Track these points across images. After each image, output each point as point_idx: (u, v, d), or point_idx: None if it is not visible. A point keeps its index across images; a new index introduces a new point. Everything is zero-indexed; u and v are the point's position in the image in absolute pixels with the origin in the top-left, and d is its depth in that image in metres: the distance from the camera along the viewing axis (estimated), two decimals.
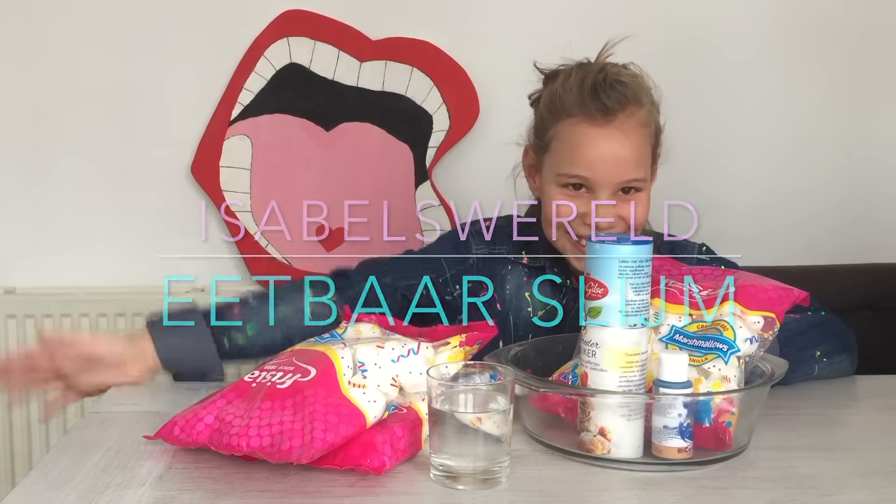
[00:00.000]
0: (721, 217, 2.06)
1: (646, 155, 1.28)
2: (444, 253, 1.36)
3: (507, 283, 1.36)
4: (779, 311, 1.03)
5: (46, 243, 2.04)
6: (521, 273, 1.36)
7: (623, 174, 1.24)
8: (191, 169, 2.02)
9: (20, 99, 2.00)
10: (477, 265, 1.36)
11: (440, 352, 1.01)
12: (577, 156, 1.25)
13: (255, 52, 1.98)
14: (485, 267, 1.36)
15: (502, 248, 1.37)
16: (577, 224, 1.27)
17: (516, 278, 1.36)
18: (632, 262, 0.95)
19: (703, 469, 0.94)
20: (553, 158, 1.29)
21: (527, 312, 1.34)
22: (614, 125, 1.24)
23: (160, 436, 0.96)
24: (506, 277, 1.36)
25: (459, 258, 1.35)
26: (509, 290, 1.35)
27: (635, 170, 1.26)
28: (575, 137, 1.25)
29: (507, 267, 1.36)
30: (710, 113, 2.04)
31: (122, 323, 2.00)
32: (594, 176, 1.24)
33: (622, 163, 1.24)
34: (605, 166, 1.24)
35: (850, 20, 2.02)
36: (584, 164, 1.24)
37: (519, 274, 1.36)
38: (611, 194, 1.24)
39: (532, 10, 2.00)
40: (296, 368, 0.97)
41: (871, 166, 2.07)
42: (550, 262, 1.34)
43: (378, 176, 2.03)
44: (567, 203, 1.26)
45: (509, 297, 1.35)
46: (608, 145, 1.24)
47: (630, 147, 1.25)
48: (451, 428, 0.89)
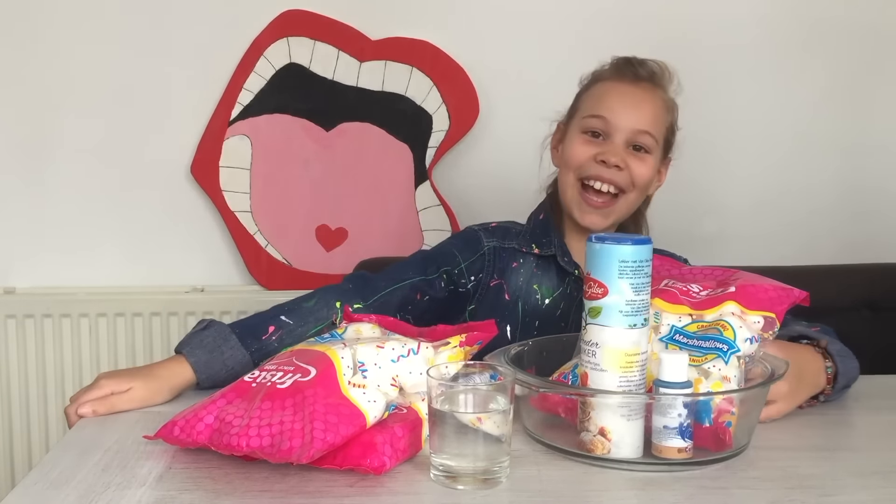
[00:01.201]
0: (720, 217, 2.08)
1: (661, 127, 1.39)
2: (457, 247, 1.42)
3: (517, 274, 1.41)
4: (779, 311, 1.04)
5: (46, 243, 2.05)
6: (531, 265, 1.42)
7: (639, 122, 1.36)
8: (191, 169, 2.02)
9: (20, 99, 2.00)
10: (488, 257, 1.41)
11: (440, 352, 1.01)
12: (603, 100, 1.38)
13: (255, 52, 1.99)
14: (497, 259, 1.41)
15: (512, 242, 1.42)
16: (589, 165, 1.36)
17: (527, 270, 1.41)
18: (632, 262, 0.95)
19: (703, 469, 0.94)
20: (580, 112, 1.40)
21: (535, 300, 1.40)
22: (641, 87, 1.38)
23: (160, 436, 0.96)
24: (516, 270, 1.41)
25: (472, 251, 1.41)
26: (521, 280, 1.41)
27: (650, 124, 1.37)
28: (605, 88, 1.40)
29: (520, 260, 1.42)
30: (709, 113, 2.04)
31: (122, 323, 2.00)
32: (612, 117, 1.35)
33: (640, 112, 1.36)
34: (624, 111, 1.36)
35: (848, 19, 2.02)
36: (607, 107, 1.36)
37: (529, 265, 1.42)
38: (624, 141, 1.36)
39: (532, 10, 2.00)
40: (296, 368, 0.97)
41: (870, 165, 2.07)
42: (561, 253, 1.40)
43: (378, 176, 2.03)
44: (585, 146, 1.36)
45: (520, 286, 1.40)
46: (631, 96, 1.38)
47: (650, 106, 1.38)
48: (451, 428, 0.89)
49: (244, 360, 1.19)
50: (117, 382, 1.13)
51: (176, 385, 1.16)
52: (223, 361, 1.18)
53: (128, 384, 1.13)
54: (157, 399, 1.14)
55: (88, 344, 2.01)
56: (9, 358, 2.01)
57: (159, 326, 2.01)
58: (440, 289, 1.37)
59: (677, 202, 2.06)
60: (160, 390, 1.14)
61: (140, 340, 2.02)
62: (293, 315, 1.25)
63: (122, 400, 1.12)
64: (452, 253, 1.40)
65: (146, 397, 1.13)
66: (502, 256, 1.41)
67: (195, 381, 1.17)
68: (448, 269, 1.38)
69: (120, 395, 1.12)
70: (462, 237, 1.45)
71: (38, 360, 2.01)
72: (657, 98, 1.39)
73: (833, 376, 1.13)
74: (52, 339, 2.01)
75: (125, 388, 1.12)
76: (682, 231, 1.92)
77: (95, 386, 1.12)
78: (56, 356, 2.01)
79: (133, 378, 1.14)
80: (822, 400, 1.13)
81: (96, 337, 2.01)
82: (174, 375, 1.16)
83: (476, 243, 1.42)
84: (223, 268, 2.07)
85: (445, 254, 1.40)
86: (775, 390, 1.05)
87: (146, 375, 1.15)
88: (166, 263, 2.06)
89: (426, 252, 1.44)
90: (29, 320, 2.00)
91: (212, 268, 2.07)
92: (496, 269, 1.41)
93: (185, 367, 1.17)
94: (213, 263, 2.07)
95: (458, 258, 1.39)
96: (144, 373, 1.16)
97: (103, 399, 1.11)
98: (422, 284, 1.35)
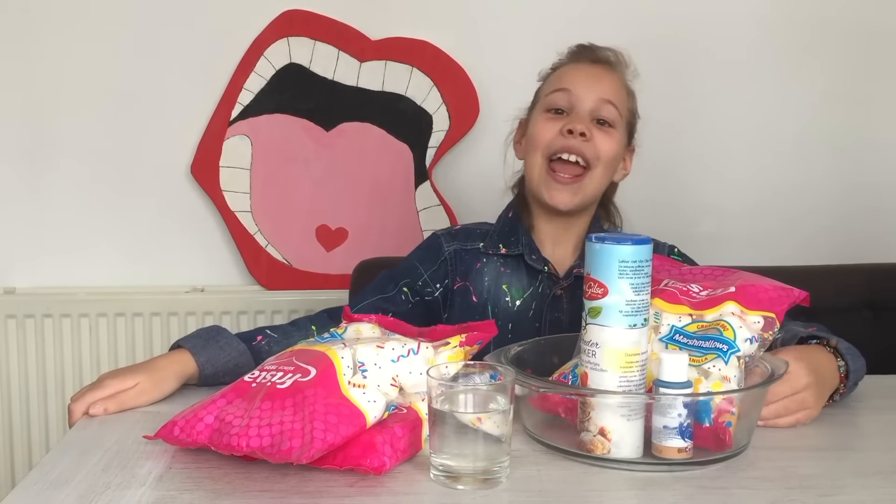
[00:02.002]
0: (720, 217, 2.08)
1: (623, 102, 1.39)
2: (418, 258, 1.42)
3: (482, 275, 1.40)
4: (779, 310, 1.04)
5: (46, 244, 2.05)
6: (497, 265, 1.41)
7: (601, 91, 1.36)
8: (191, 169, 2.02)
9: (20, 99, 2.00)
10: (450, 261, 1.41)
11: (440, 352, 1.01)
12: (564, 76, 1.40)
13: (255, 52, 1.98)
14: (459, 261, 1.41)
15: (475, 243, 1.42)
16: (555, 139, 1.35)
17: (493, 270, 1.41)
18: (632, 262, 0.95)
19: (703, 469, 0.94)
20: (542, 94, 1.41)
21: (505, 302, 1.39)
22: (599, 66, 1.40)
23: (160, 436, 0.96)
24: (481, 270, 1.40)
25: (433, 260, 1.41)
26: (488, 281, 1.40)
27: (613, 95, 1.37)
28: (563, 71, 1.41)
29: (483, 260, 1.41)
30: (708, 113, 2.05)
31: (122, 323, 2.01)
32: (574, 88, 1.36)
33: (602, 84, 1.37)
34: (586, 82, 1.37)
35: (846, 20, 2.02)
36: (569, 80, 1.38)
37: (495, 265, 1.41)
38: (588, 112, 1.36)
39: (532, 11, 2.00)
40: (296, 368, 0.97)
41: (870, 165, 2.07)
42: (528, 251, 1.39)
43: (378, 176, 2.03)
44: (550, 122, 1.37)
45: (487, 287, 1.39)
46: (592, 70, 1.39)
47: (611, 80, 1.39)
48: (451, 428, 0.89)
49: (240, 349, 1.22)
50: (121, 380, 1.13)
51: (179, 372, 1.17)
52: (220, 347, 1.20)
53: (133, 380, 1.13)
54: (165, 388, 1.15)
55: (88, 344, 2.01)
56: (9, 358, 2.01)
57: (159, 326, 2.01)
58: (402, 302, 1.37)
59: (677, 202, 2.06)
60: (165, 379, 1.15)
61: (140, 340, 2.02)
62: (277, 331, 1.29)
63: (131, 396, 1.12)
64: (413, 265, 1.41)
65: (153, 389, 1.14)
66: (464, 258, 1.41)
67: (196, 368, 1.18)
68: (408, 281, 1.39)
69: (128, 391, 1.12)
70: (424, 247, 1.45)
71: (38, 360, 2.01)
72: (616, 77, 1.40)
73: (845, 374, 1.14)
74: (52, 339, 2.01)
75: (131, 384, 1.13)
76: (682, 231, 1.93)
77: (100, 386, 1.12)
78: (56, 356, 2.01)
79: (136, 373, 1.14)
80: (836, 399, 1.14)
81: (96, 337, 2.01)
82: (175, 363, 1.18)
83: (437, 250, 1.42)
84: (223, 268, 2.07)
85: (406, 268, 1.41)
86: (802, 400, 1.06)
87: (148, 369, 1.16)
88: (166, 263, 2.06)
89: (389, 270, 1.43)
90: (29, 320, 2.00)
91: (212, 268, 2.07)
92: (458, 272, 1.41)
93: (184, 354, 1.19)
94: (213, 263, 2.07)
95: (419, 269, 1.40)
96: (145, 367, 1.17)
97: (112, 397, 1.11)
98: (381, 303, 1.36)
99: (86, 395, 1.11)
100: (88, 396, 1.11)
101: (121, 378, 1.13)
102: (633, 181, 1.44)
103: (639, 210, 1.54)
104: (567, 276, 1.38)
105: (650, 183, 2.04)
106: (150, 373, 1.15)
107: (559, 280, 1.38)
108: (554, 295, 1.38)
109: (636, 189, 2.00)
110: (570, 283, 1.38)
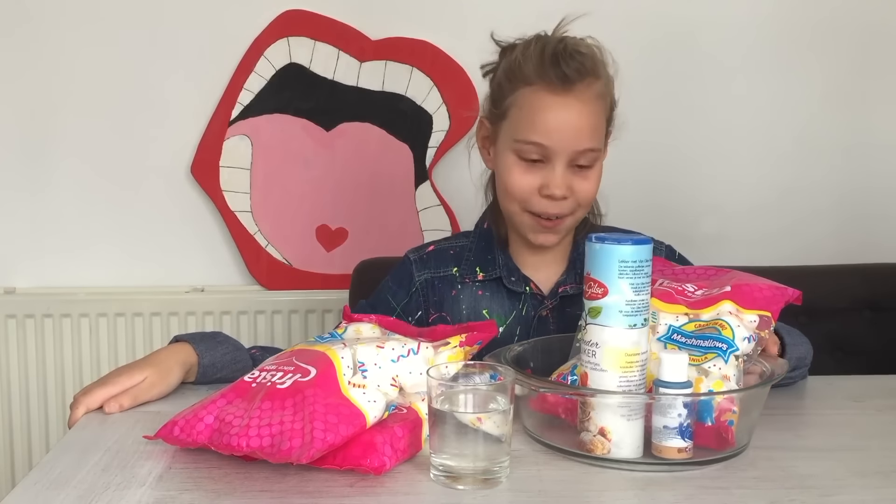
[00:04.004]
0: (720, 217, 2.08)
1: (601, 126, 1.28)
2: (390, 291, 1.36)
3: (458, 303, 1.33)
4: (774, 309, 1.04)
5: (46, 243, 2.05)
6: (473, 289, 1.34)
7: (579, 143, 1.24)
8: (191, 169, 2.02)
9: (20, 99, 2.00)
10: (421, 292, 1.35)
11: (440, 352, 1.01)
12: (536, 122, 1.24)
13: (255, 52, 1.98)
14: (431, 291, 1.35)
15: (448, 268, 1.35)
16: (532, 198, 1.26)
17: (469, 296, 1.34)
18: (632, 262, 0.95)
19: (703, 469, 0.94)
20: (510, 126, 1.28)
21: None
22: (573, 94, 1.24)
23: (160, 436, 0.96)
24: (457, 298, 1.34)
25: (405, 291, 1.35)
26: (465, 309, 1.33)
27: (590, 139, 1.25)
28: (535, 104, 1.25)
29: (458, 287, 1.34)
30: (707, 113, 2.05)
31: (122, 323, 2.01)
32: (551, 143, 1.24)
33: (579, 132, 1.24)
34: (562, 134, 1.24)
35: (846, 20, 2.02)
36: (543, 131, 1.24)
37: (471, 291, 1.34)
38: (565, 164, 1.25)
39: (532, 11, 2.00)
40: (296, 368, 0.97)
41: (870, 166, 2.07)
42: (507, 272, 1.33)
43: (378, 176, 2.03)
44: (525, 176, 1.26)
45: (466, 316, 1.32)
46: (567, 113, 1.24)
47: (587, 117, 1.25)
48: (451, 428, 0.89)
49: (238, 345, 1.23)
50: (129, 376, 1.13)
51: (182, 361, 1.17)
52: (217, 342, 1.21)
53: (140, 375, 1.13)
54: (171, 380, 1.16)
55: (88, 344, 2.01)
56: (9, 358, 2.01)
57: (159, 326, 2.01)
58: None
59: (677, 202, 2.06)
60: (170, 370, 1.16)
61: (140, 340, 2.01)
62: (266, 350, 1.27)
63: (143, 389, 1.12)
64: (386, 300, 1.35)
65: (161, 381, 1.14)
66: (437, 287, 1.34)
67: (196, 357, 1.18)
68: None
69: (139, 385, 1.12)
70: (396, 277, 1.37)
71: (38, 360, 2.01)
72: (592, 98, 1.25)
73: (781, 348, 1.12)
74: (52, 339, 2.01)
75: (139, 379, 1.13)
76: (682, 231, 1.92)
77: (109, 382, 1.12)
78: (56, 356, 2.01)
79: (142, 368, 1.14)
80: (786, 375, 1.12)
81: (96, 337, 2.01)
82: (176, 353, 1.18)
83: (408, 279, 1.35)
84: (223, 268, 2.07)
85: (381, 301, 1.35)
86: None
87: (153, 362, 1.16)
88: (166, 263, 2.06)
89: (366, 301, 1.37)
90: (29, 320, 2.00)
91: (212, 268, 2.07)
92: (432, 303, 1.34)
93: (183, 345, 1.20)
94: (213, 263, 2.07)
95: (391, 303, 1.34)
96: (150, 360, 1.17)
97: (126, 392, 1.11)
98: None
99: (95, 391, 1.11)
100: (99, 393, 1.11)
101: (128, 374, 1.13)
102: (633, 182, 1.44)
103: (639, 210, 1.54)
104: (552, 295, 1.32)
105: (650, 183, 2.04)
106: (155, 365, 1.15)
107: (544, 300, 1.32)
108: (539, 316, 1.32)
109: (636, 189, 2.02)
110: (555, 303, 1.32)
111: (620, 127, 1.35)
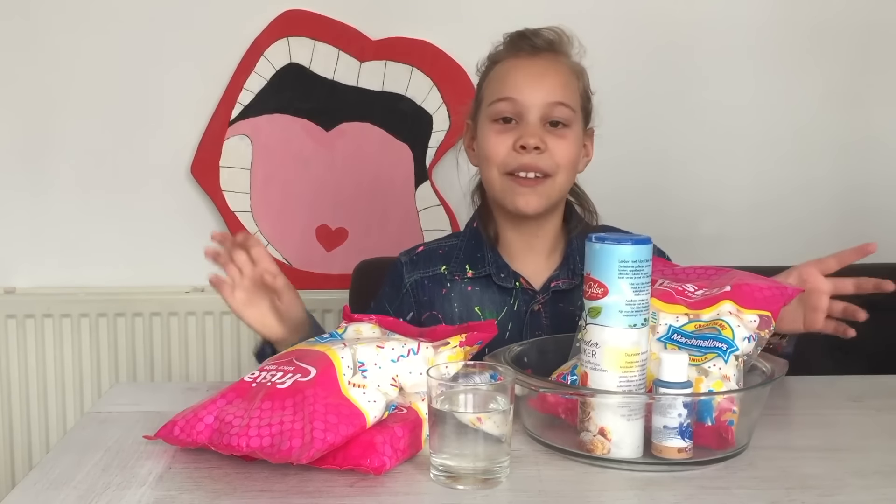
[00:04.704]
0: (720, 217, 2.08)
1: (574, 91, 1.30)
2: (386, 295, 1.37)
3: (449, 301, 1.34)
4: (774, 309, 1.04)
5: (46, 244, 2.05)
6: (463, 286, 1.34)
7: (550, 94, 1.26)
8: (191, 169, 2.02)
9: (20, 99, 2.00)
10: (411, 293, 1.36)
11: (440, 352, 1.01)
12: (507, 81, 1.28)
13: (255, 52, 1.99)
14: (421, 291, 1.35)
15: (437, 268, 1.36)
16: (509, 157, 1.28)
17: (460, 293, 1.34)
18: (632, 262, 0.95)
19: (703, 469, 0.94)
20: (485, 102, 1.31)
21: None
22: (542, 58, 1.29)
23: (160, 436, 0.96)
24: (447, 296, 1.34)
25: (396, 293, 1.36)
26: (456, 307, 1.33)
27: (562, 94, 1.27)
28: (504, 70, 1.30)
29: (447, 285, 1.34)
30: (707, 113, 2.05)
31: (122, 323, 2.01)
32: (522, 97, 1.26)
33: (551, 86, 1.27)
34: (532, 88, 1.27)
35: (846, 20, 2.02)
36: (513, 86, 1.27)
37: (461, 288, 1.34)
38: (539, 119, 1.27)
39: (532, 11, 2.00)
40: (296, 368, 0.97)
41: (870, 165, 2.07)
42: (496, 269, 1.33)
43: (378, 176, 2.03)
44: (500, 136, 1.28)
45: (458, 314, 1.32)
46: (535, 68, 1.29)
47: (557, 75, 1.28)
48: (451, 428, 0.89)
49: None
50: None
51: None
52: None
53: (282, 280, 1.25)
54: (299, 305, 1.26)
55: (88, 344, 2.01)
56: (9, 358, 2.01)
57: (159, 326, 2.01)
58: None
59: (677, 202, 2.06)
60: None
61: (140, 340, 2.02)
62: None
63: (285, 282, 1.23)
64: (383, 304, 1.36)
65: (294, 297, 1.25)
66: (427, 287, 1.34)
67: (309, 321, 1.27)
68: None
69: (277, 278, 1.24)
70: (390, 279, 1.38)
71: (38, 360, 2.01)
72: (562, 65, 1.29)
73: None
74: (52, 339, 2.01)
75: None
76: (682, 231, 1.93)
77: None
78: (56, 356, 2.01)
79: None
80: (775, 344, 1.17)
81: (96, 337, 2.01)
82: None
83: (399, 282, 1.36)
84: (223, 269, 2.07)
85: (381, 308, 1.35)
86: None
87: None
88: (166, 263, 2.06)
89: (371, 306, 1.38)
90: (29, 320, 2.01)
91: (212, 268, 2.07)
92: (422, 304, 1.34)
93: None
94: (213, 263, 2.07)
95: (387, 308, 1.35)
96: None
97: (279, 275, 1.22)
98: None
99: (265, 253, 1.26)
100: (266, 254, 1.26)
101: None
102: (633, 182, 1.44)
103: (639, 210, 1.54)
104: (544, 289, 1.32)
105: (650, 184, 2.04)
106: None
107: (535, 294, 1.32)
108: (532, 311, 1.32)
109: (636, 190, 2.02)
110: (547, 297, 1.32)
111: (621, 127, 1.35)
